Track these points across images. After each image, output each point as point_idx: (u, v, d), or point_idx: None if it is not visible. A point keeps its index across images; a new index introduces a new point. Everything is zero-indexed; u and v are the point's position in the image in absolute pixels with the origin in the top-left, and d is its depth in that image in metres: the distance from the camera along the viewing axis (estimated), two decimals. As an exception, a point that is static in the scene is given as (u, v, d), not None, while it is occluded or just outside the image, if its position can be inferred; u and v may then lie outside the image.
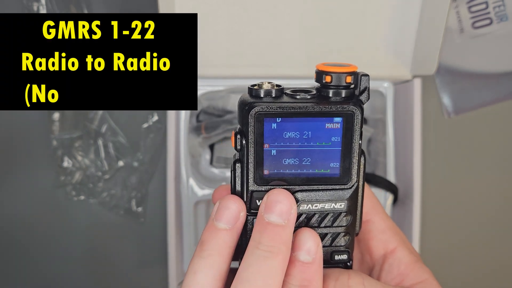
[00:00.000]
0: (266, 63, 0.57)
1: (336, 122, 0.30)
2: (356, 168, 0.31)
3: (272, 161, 0.31)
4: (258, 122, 0.30)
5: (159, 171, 0.66)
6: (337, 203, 0.31)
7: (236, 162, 0.31)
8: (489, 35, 0.64)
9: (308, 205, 0.31)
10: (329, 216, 0.32)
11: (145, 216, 0.66)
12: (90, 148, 0.64)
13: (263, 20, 0.55)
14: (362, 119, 0.30)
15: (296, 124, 0.30)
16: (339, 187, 0.31)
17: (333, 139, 0.30)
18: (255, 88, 0.31)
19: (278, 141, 0.30)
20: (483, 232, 0.69)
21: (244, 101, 0.30)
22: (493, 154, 0.68)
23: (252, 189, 0.31)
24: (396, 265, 0.33)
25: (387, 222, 0.35)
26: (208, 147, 0.64)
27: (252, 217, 0.31)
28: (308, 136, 0.30)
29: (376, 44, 0.57)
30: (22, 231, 0.66)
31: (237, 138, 0.31)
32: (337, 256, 0.32)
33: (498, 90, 0.65)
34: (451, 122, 0.67)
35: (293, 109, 0.30)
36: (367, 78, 0.31)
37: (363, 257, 0.36)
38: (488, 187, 0.68)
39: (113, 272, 0.68)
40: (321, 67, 0.31)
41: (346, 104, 0.30)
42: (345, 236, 0.32)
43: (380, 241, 0.34)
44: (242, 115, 0.30)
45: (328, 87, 0.30)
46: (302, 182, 0.31)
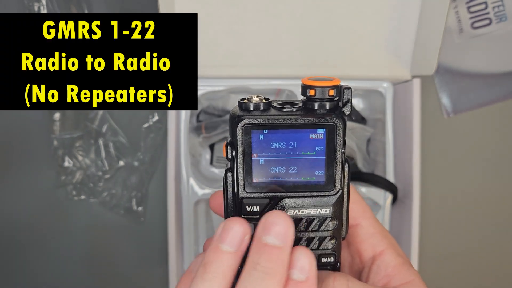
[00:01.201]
0: (266, 63, 0.57)
1: (319, 133, 0.32)
2: (340, 175, 0.33)
3: (260, 170, 0.32)
4: (246, 134, 0.32)
5: (160, 171, 0.66)
6: (322, 209, 0.33)
7: (228, 171, 0.33)
8: (488, 35, 0.64)
9: (295, 210, 0.33)
10: (316, 221, 0.33)
11: (145, 215, 0.66)
12: (91, 148, 0.64)
13: (263, 20, 0.55)
14: (344, 130, 0.32)
15: (282, 135, 0.32)
16: (324, 193, 0.33)
17: (317, 149, 0.32)
18: (245, 102, 0.32)
19: (265, 151, 0.32)
20: (482, 231, 0.69)
21: (233, 114, 0.32)
22: (492, 154, 0.68)
23: (242, 195, 0.33)
24: (383, 266, 0.35)
25: (376, 226, 0.36)
26: (208, 147, 0.64)
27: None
28: (293, 146, 0.32)
29: (376, 44, 0.57)
30: (22, 231, 0.66)
31: (227, 148, 0.32)
32: (324, 258, 0.34)
33: (497, 90, 0.65)
34: (450, 122, 0.67)
35: (279, 121, 0.31)
36: (349, 91, 0.32)
37: (353, 259, 0.38)
38: (487, 186, 0.68)
39: (113, 272, 0.68)
40: (306, 81, 0.32)
41: (328, 116, 0.31)
42: (331, 240, 0.34)
43: (369, 244, 0.36)
44: (232, 128, 0.32)
45: (313, 100, 0.32)
46: (289, 189, 0.33)
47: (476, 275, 0.70)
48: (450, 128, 0.67)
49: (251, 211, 0.33)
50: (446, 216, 0.68)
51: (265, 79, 0.58)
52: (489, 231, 0.69)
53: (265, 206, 0.33)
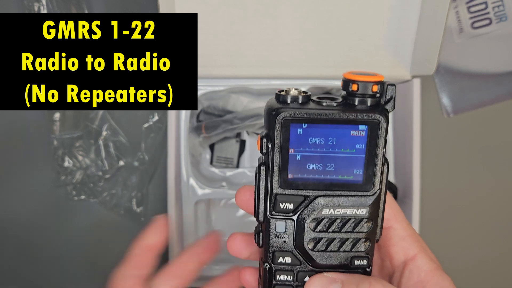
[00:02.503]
0: (266, 63, 0.57)
1: (361, 130, 0.31)
2: (379, 175, 0.32)
3: (297, 166, 0.31)
4: (284, 128, 0.31)
5: (160, 171, 0.66)
6: (359, 210, 0.32)
7: (261, 165, 0.32)
8: (489, 35, 0.64)
9: (331, 210, 0.32)
10: (351, 222, 0.32)
11: (145, 216, 0.66)
12: (91, 148, 0.64)
13: (263, 20, 0.55)
14: (387, 128, 0.31)
15: (321, 131, 0.31)
16: (361, 193, 0.32)
17: (357, 146, 0.31)
18: (282, 93, 0.31)
19: (303, 146, 0.31)
20: (482, 231, 0.69)
21: (271, 107, 0.31)
22: (492, 154, 0.68)
23: (276, 192, 0.32)
24: (416, 271, 0.34)
25: (408, 229, 0.35)
26: (208, 147, 0.64)
27: (275, 220, 0.33)
28: (333, 142, 0.31)
29: (376, 44, 0.57)
30: (22, 231, 0.66)
31: (263, 142, 0.31)
32: (356, 261, 0.33)
33: (498, 90, 0.65)
34: (450, 122, 0.67)
35: (319, 116, 0.30)
36: (393, 87, 0.31)
37: (383, 263, 0.37)
38: (487, 186, 0.68)
39: (113, 272, 0.68)
40: (348, 75, 0.31)
41: (371, 112, 0.30)
42: (365, 242, 0.33)
43: (401, 247, 0.35)
44: (269, 120, 0.31)
45: (354, 96, 0.31)
46: (325, 187, 0.32)
47: (477, 275, 0.70)
48: (450, 128, 0.67)
49: (285, 208, 0.32)
50: (446, 216, 0.68)
51: (265, 79, 0.58)
52: (489, 231, 0.69)
53: (299, 204, 0.32)
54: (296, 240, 0.33)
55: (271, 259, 0.34)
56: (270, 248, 0.33)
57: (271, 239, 0.33)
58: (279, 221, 0.33)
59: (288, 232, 0.33)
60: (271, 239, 0.33)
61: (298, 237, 0.33)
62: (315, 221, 0.33)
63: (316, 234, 0.33)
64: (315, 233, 0.33)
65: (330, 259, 0.33)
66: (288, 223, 0.33)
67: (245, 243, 0.37)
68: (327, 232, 0.33)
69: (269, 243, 0.33)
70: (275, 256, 0.33)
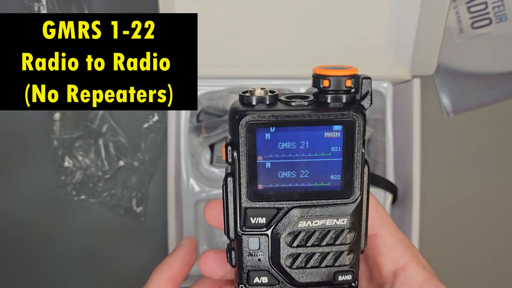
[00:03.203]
0: (266, 63, 0.57)
1: (336, 131, 0.28)
2: (359, 180, 0.29)
3: (267, 175, 0.28)
4: (250, 133, 0.27)
5: (160, 171, 0.66)
6: (339, 219, 0.29)
7: (228, 176, 0.29)
8: (489, 35, 0.64)
9: (308, 222, 0.29)
10: (331, 234, 0.29)
11: (145, 216, 0.66)
12: (91, 148, 0.64)
13: (263, 20, 0.55)
14: (364, 127, 0.28)
15: (292, 134, 0.28)
16: (341, 201, 0.29)
17: (333, 149, 0.28)
18: (247, 95, 0.28)
19: (272, 153, 0.28)
20: (482, 231, 0.69)
21: (234, 110, 0.28)
22: (492, 154, 0.68)
23: (246, 205, 0.29)
24: (408, 283, 0.31)
25: (396, 235, 0.33)
26: (208, 147, 0.64)
27: (247, 236, 0.30)
28: (305, 146, 0.28)
29: (376, 44, 0.57)
30: (22, 231, 0.66)
31: (227, 150, 0.28)
32: (340, 276, 0.30)
33: (498, 90, 0.65)
34: (450, 122, 0.67)
35: (288, 118, 0.27)
36: (368, 81, 0.28)
37: (371, 273, 0.34)
38: (488, 186, 0.68)
39: (113, 272, 0.68)
40: (318, 70, 0.28)
41: (346, 110, 0.27)
42: (349, 254, 0.30)
43: (390, 257, 0.32)
44: (233, 125, 0.28)
45: (327, 92, 0.28)
46: (300, 197, 0.29)
47: (477, 275, 0.70)
48: (450, 128, 0.67)
49: (256, 223, 0.29)
50: (446, 216, 0.68)
51: (265, 79, 0.58)
52: (490, 231, 0.69)
53: (272, 218, 0.29)
54: (272, 258, 0.30)
55: (245, 280, 0.30)
56: (244, 268, 0.30)
57: (244, 258, 0.30)
58: (251, 237, 0.29)
59: (262, 249, 0.30)
60: (244, 257, 0.30)
61: (273, 254, 0.30)
62: (292, 235, 0.29)
63: (294, 249, 0.30)
64: (292, 249, 0.30)
65: (311, 276, 0.30)
66: (262, 239, 0.30)
67: (218, 261, 0.34)
68: (306, 246, 0.30)
69: (242, 262, 0.30)
70: (250, 276, 0.30)
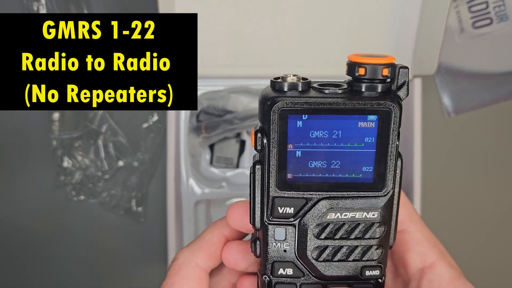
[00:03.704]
0: (266, 63, 0.57)
1: (370, 121, 0.27)
2: (392, 173, 0.28)
3: (297, 164, 0.27)
4: (281, 120, 0.26)
5: (159, 171, 0.66)
6: (369, 213, 0.28)
7: (256, 164, 0.28)
8: (489, 35, 0.63)
9: (337, 214, 0.28)
10: (360, 227, 0.29)
11: (145, 216, 0.66)
12: (90, 148, 0.64)
13: (263, 20, 0.55)
14: (400, 118, 0.27)
15: (324, 122, 0.27)
16: (372, 194, 0.28)
17: (366, 140, 0.27)
18: (279, 81, 0.27)
19: (303, 141, 0.27)
20: (483, 231, 0.69)
21: (266, 96, 0.27)
22: (493, 154, 0.68)
23: (274, 195, 0.28)
24: (436, 281, 0.30)
25: (424, 232, 0.32)
26: (208, 147, 0.64)
27: (274, 226, 0.29)
28: (338, 135, 0.27)
29: (376, 44, 0.57)
30: (21, 231, 0.66)
31: (257, 136, 0.27)
32: (368, 271, 0.29)
33: (498, 90, 0.65)
34: (451, 122, 0.67)
35: (322, 105, 0.26)
36: (406, 71, 0.27)
37: (397, 270, 0.33)
38: (488, 186, 0.68)
39: (113, 272, 0.68)
40: (354, 58, 0.27)
41: (382, 100, 0.26)
42: (377, 249, 0.29)
43: (417, 253, 0.31)
44: (264, 111, 0.27)
45: (362, 81, 0.27)
46: (330, 188, 0.28)
47: (477, 275, 0.69)
48: (451, 128, 0.67)
49: (284, 212, 0.28)
50: (447, 216, 0.68)
51: (265, 79, 0.58)
52: (490, 231, 0.69)
53: (301, 208, 0.28)
54: (298, 249, 0.29)
55: (270, 271, 0.30)
56: (269, 259, 0.29)
57: (270, 248, 0.29)
58: (278, 227, 0.29)
59: (288, 239, 0.29)
60: (270, 248, 0.29)
61: (300, 245, 0.29)
62: (319, 226, 0.29)
63: (321, 241, 0.29)
64: (320, 241, 0.29)
65: (337, 269, 0.29)
66: (289, 229, 0.29)
67: (243, 253, 0.32)
68: (334, 239, 0.29)
69: (267, 253, 0.29)
70: (275, 267, 0.29)
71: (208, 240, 0.33)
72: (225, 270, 0.34)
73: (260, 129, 0.27)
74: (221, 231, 0.33)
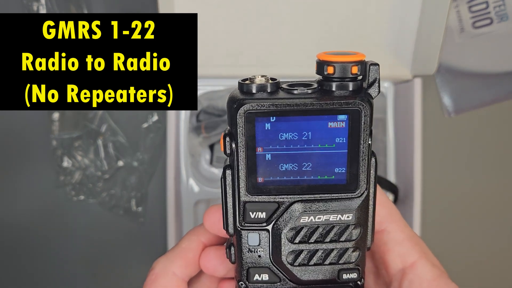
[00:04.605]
0: (266, 63, 0.57)
1: (340, 120, 0.26)
2: (366, 173, 0.27)
3: (267, 167, 0.27)
4: (248, 123, 0.26)
5: (159, 171, 0.65)
6: (344, 215, 0.28)
7: (226, 169, 0.27)
8: (490, 34, 0.64)
9: (311, 217, 0.28)
10: (335, 229, 0.28)
11: (145, 216, 0.66)
12: (90, 148, 0.64)
13: (263, 20, 0.55)
14: (371, 116, 0.26)
15: (293, 124, 0.26)
16: (346, 195, 0.27)
17: (337, 140, 0.26)
18: (246, 82, 0.27)
19: (273, 144, 0.26)
20: (483, 231, 0.69)
21: (233, 98, 0.26)
22: (493, 154, 0.68)
23: (245, 199, 0.27)
24: (417, 281, 0.30)
25: (405, 231, 0.31)
26: (208, 147, 0.64)
27: (247, 232, 0.28)
28: (308, 137, 0.26)
29: (377, 43, 0.57)
30: (21, 231, 0.66)
31: (225, 141, 0.27)
32: (345, 274, 0.29)
33: (498, 90, 0.65)
34: (451, 122, 0.67)
35: (289, 106, 0.25)
36: (376, 68, 0.27)
37: (378, 271, 0.33)
38: (488, 186, 0.68)
39: (112, 272, 0.68)
40: (323, 56, 0.26)
41: (352, 99, 0.26)
42: (354, 251, 0.28)
43: (398, 254, 0.31)
44: (231, 114, 0.26)
45: (331, 80, 0.26)
46: (302, 190, 0.27)
47: (477, 275, 0.69)
48: (451, 128, 0.67)
49: (256, 217, 0.28)
50: (448, 216, 0.68)
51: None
52: (490, 231, 0.69)
53: (273, 212, 0.28)
54: (272, 254, 0.28)
55: (245, 277, 0.29)
56: (244, 265, 0.29)
57: (244, 254, 0.29)
58: (251, 232, 0.28)
59: (262, 245, 0.28)
60: (244, 254, 0.29)
61: (274, 250, 0.28)
62: (293, 230, 0.28)
63: (296, 246, 0.28)
64: (294, 245, 0.28)
65: (314, 273, 0.29)
66: (262, 234, 0.28)
67: (221, 258, 0.32)
68: (308, 243, 0.28)
69: (242, 259, 0.29)
70: (250, 273, 0.29)
71: (185, 247, 0.32)
72: (204, 277, 0.34)
73: (228, 132, 0.27)
74: (198, 237, 0.33)
